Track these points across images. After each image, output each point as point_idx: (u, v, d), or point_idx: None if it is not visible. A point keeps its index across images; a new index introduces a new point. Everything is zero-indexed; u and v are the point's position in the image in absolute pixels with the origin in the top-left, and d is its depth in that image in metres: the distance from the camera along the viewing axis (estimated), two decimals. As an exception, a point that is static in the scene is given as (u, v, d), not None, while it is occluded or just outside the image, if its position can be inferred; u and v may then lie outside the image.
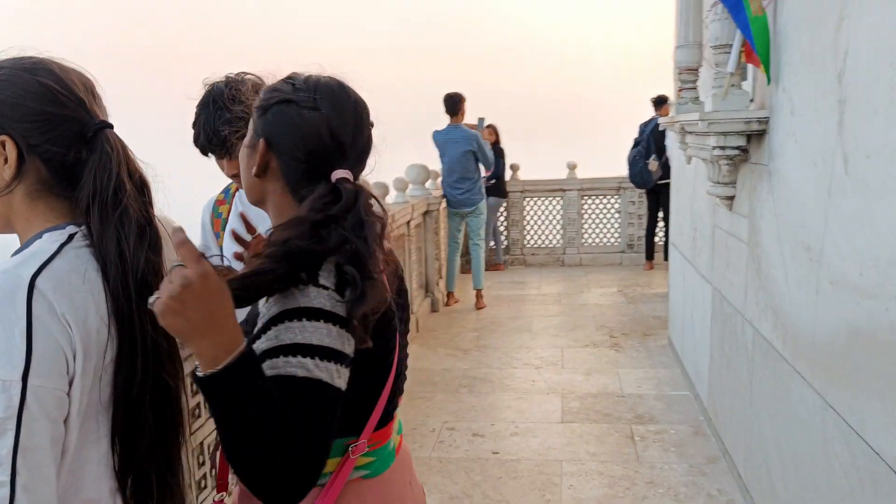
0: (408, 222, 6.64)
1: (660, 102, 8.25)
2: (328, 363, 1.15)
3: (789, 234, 2.77)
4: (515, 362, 5.73)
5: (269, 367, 1.13)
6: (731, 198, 3.65)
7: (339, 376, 1.16)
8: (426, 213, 7.47)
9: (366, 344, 1.20)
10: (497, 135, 9.20)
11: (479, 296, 7.65)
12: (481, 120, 7.73)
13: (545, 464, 3.94)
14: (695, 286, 4.78)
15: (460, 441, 4.28)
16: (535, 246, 10.20)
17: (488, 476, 3.82)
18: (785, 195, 2.83)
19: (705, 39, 3.69)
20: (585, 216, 10.04)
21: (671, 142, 6.88)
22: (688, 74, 4.11)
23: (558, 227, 10.12)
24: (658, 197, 8.79)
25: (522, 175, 10.18)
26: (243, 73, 2.10)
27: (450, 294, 7.84)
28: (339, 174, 1.26)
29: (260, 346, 1.16)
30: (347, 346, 1.18)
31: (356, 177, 1.33)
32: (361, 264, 1.18)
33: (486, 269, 9.29)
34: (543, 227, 10.19)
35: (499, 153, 9.13)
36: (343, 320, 1.17)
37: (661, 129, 6.19)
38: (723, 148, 3.32)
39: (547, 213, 10.18)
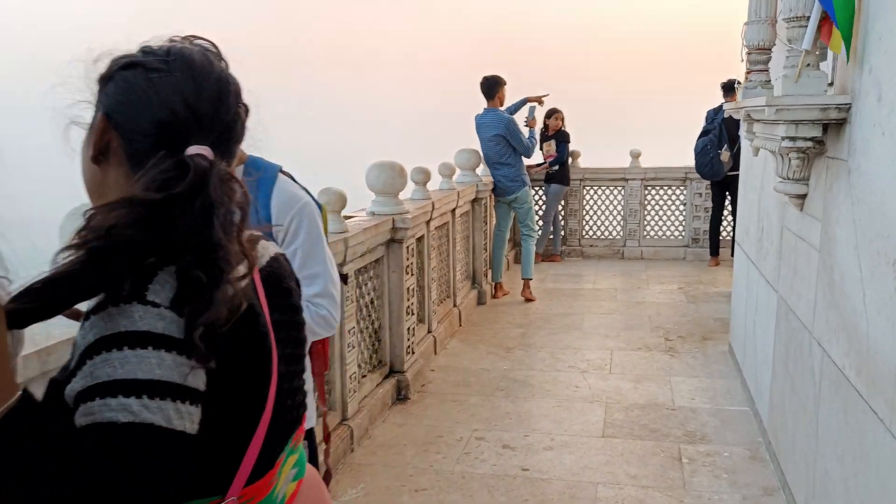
0: (452, 210, 6.28)
1: (730, 88, 7.64)
2: (162, 401, 0.90)
3: (870, 246, 2.30)
4: (560, 364, 5.33)
5: (84, 415, 0.89)
6: (803, 196, 3.17)
7: (179, 416, 0.91)
8: (475, 201, 7.10)
9: (208, 363, 0.95)
10: (562, 120, 8.79)
11: (526, 286, 7.25)
12: (532, 108, 7.29)
13: (578, 486, 3.55)
14: (759, 292, 4.29)
15: (488, 454, 3.92)
16: (594, 237, 9.70)
17: (513, 497, 3.45)
18: (867, 198, 2.37)
19: (780, 15, 3.22)
20: (648, 207, 9.49)
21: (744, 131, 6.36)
22: (758, 54, 3.62)
23: (619, 217, 9.61)
24: (725, 189, 8.24)
25: (583, 162, 9.68)
26: (192, 36, 1.78)
27: (497, 285, 7.46)
28: (194, 149, 1.01)
29: (74, 386, 0.91)
30: (192, 377, 0.93)
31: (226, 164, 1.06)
32: (211, 263, 0.94)
33: (543, 261, 8.91)
34: (603, 217, 9.68)
35: (564, 138, 8.74)
36: (182, 344, 0.92)
37: (726, 115, 5.67)
38: (793, 139, 2.85)
39: (608, 202, 9.66)
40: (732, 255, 7.69)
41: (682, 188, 9.36)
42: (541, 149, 8.98)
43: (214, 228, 0.95)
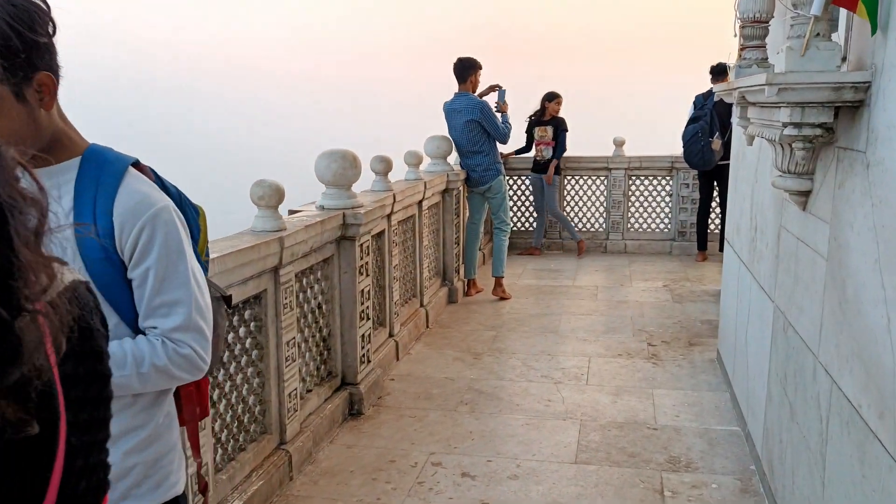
0: (419, 202, 5.78)
1: (720, 72, 7.16)
2: None
3: (898, 259, 1.83)
4: (532, 373, 4.86)
5: None
6: (806, 193, 2.70)
7: None
8: (445, 192, 6.60)
9: (29, 429, 0.68)
10: (560, 105, 8.34)
11: (498, 284, 6.78)
12: (502, 91, 6.79)
13: (544, 527, 3.08)
14: (751, 298, 3.83)
15: (445, 484, 3.45)
16: (576, 230, 9.24)
17: (468, 542, 2.99)
18: (892, 199, 1.89)
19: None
20: (632, 198, 9.01)
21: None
22: (753, 28, 3.14)
23: (602, 209, 9.14)
24: (713, 179, 7.79)
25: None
26: None
27: (471, 282, 6.98)
28: None
29: None
30: None
31: None
32: (7, 290, 0.66)
33: (521, 254, 8.48)
34: (585, 209, 9.21)
35: (563, 126, 8.36)
36: None
37: (716, 98, 5.21)
38: (798, 125, 2.37)
39: (590, 193, 9.18)
40: (721, 249, 7.27)
41: (668, 178, 8.89)
42: (528, 132, 8.47)
43: (13, 242, 0.67)
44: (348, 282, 4.25)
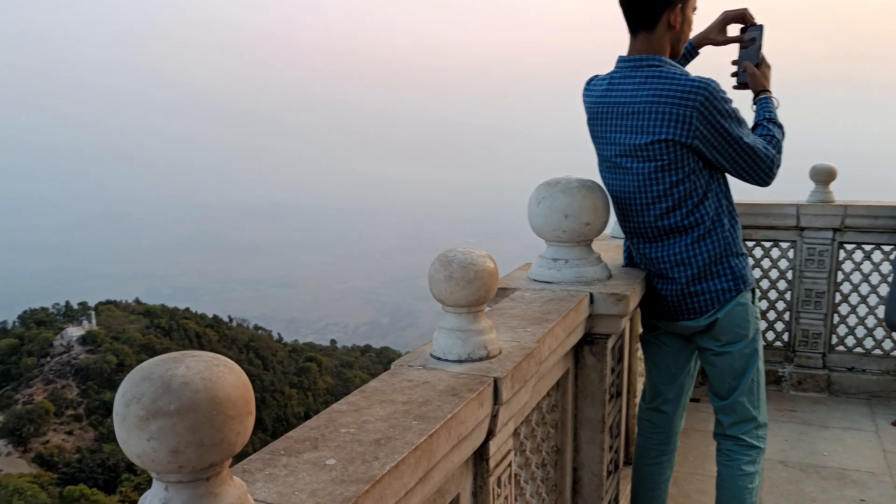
0: (486, 433, 1.57)
1: None
2: None
3: None
4: None
5: None
6: None
7: None
8: (583, 347, 2.33)
9: None
10: None
11: None
12: (759, 28, 2.41)
13: None
14: None
15: None
16: (857, 350, 4.66)
17: None
18: None
19: None
20: None
21: None
22: None
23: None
24: None
25: (842, 192, 4.68)
26: None
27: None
28: None
29: None
30: None
31: None
32: None
33: None
34: (874, 301, 4.65)
35: None
36: None
37: None
38: None
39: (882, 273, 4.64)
40: None
41: None
42: None
43: None
44: None
